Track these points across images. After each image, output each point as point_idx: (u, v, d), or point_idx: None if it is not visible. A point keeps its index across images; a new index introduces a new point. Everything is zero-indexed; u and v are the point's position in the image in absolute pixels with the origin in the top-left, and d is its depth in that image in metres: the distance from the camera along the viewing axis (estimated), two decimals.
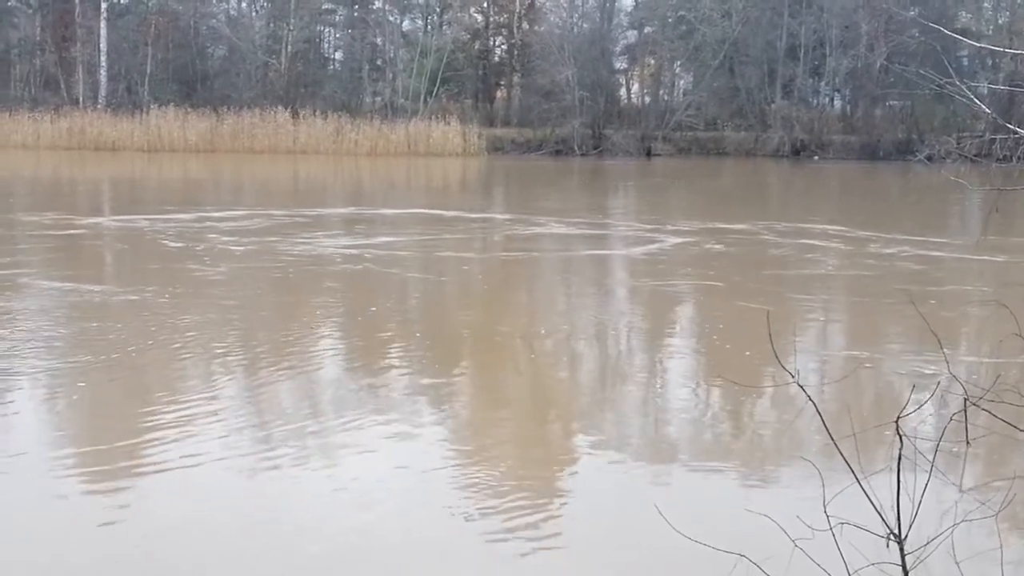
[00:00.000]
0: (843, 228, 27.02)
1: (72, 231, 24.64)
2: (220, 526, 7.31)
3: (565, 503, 8.23)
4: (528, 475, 8.73)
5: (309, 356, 13.22)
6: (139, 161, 48.27)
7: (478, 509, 7.79)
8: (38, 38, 64.29)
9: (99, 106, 58.18)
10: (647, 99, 68.26)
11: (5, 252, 21.03)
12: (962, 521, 5.58)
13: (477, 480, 8.53)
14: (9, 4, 64.57)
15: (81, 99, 59.79)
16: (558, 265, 21.72)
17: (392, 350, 13.61)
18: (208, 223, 26.18)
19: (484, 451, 9.45)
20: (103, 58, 60.50)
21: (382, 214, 30.12)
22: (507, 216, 30.70)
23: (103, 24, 60.53)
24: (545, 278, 20.38)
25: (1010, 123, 11.85)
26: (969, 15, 60.66)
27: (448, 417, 10.60)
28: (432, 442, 9.65)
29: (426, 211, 30.65)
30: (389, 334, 14.63)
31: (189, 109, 55.31)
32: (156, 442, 9.32)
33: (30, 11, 65.04)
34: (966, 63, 49.20)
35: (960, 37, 37.89)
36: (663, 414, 10.84)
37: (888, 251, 22.67)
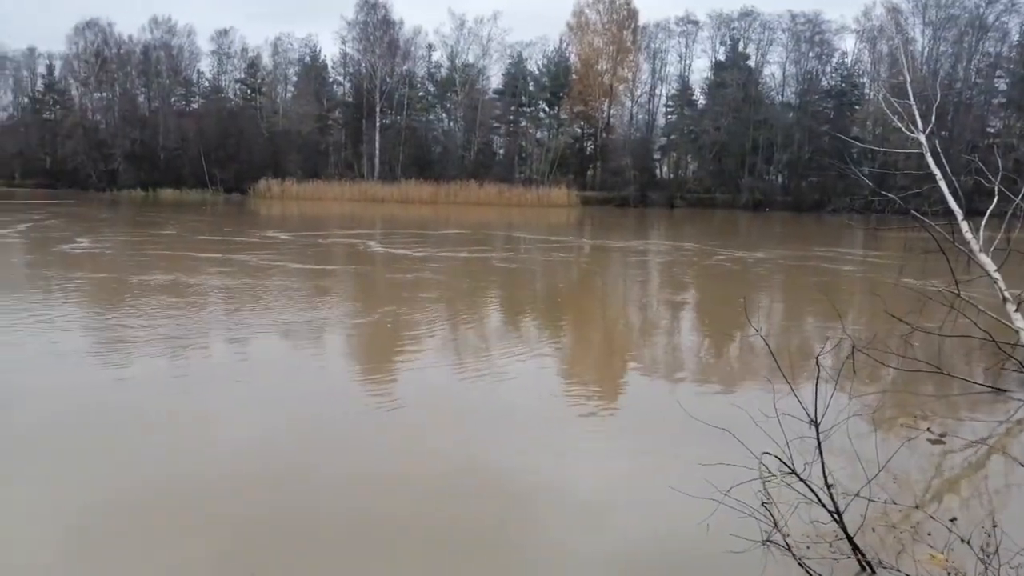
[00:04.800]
0: (782, 250, 26.20)
1: (360, 242, 25.31)
2: (431, 402, 7.46)
3: (618, 394, 8.19)
4: (596, 377, 8.69)
5: (484, 312, 13.37)
6: (396, 208, 49.25)
7: (566, 393, 7.81)
8: (343, 141, 65.97)
9: (374, 178, 59.53)
10: (671, 175, 67.21)
11: (325, 255, 21.70)
12: (852, 416, 5.39)
13: (568, 378, 8.53)
14: (328, 123, 66.29)
15: (364, 174, 61.22)
16: (619, 265, 21.56)
17: (527, 308, 13.69)
18: (429, 239, 26.59)
19: (573, 363, 9.45)
20: (377, 152, 61.84)
21: (521, 237, 30.24)
22: (590, 239, 30.52)
23: (377, 134, 61.88)
24: (612, 272, 20.24)
25: (881, 191, 11.38)
26: (859, 129, 58.18)
27: (555, 344, 10.63)
28: (545, 357, 9.70)
29: (547, 237, 30.64)
30: (525, 300, 14.71)
31: (422, 180, 56.26)
32: (399, 354, 9.54)
33: (339, 126, 66.73)
34: (856, 155, 47.13)
35: (853, 141, 36.38)
36: (679, 349, 10.69)
37: (807, 261, 21.93)
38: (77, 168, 61.22)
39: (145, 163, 60.63)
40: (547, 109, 68.93)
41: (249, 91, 68.53)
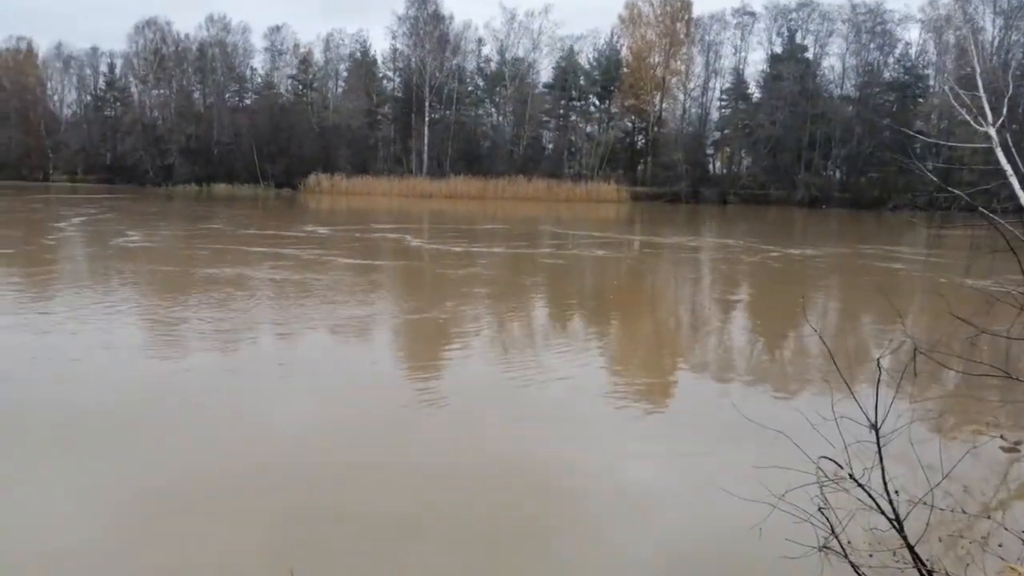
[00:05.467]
0: (839, 248, 25.54)
1: (408, 238, 25.52)
2: (481, 398, 7.49)
3: (669, 394, 8.09)
4: (647, 376, 8.60)
5: (532, 309, 13.36)
6: (444, 203, 49.55)
7: (616, 392, 7.74)
8: (392, 136, 66.59)
9: (423, 173, 59.98)
10: (724, 171, 66.19)
11: (374, 250, 21.93)
12: (914, 421, 5.23)
13: (618, 376, 8.47)
14: (378, 119, 66.98)
15: (413, 169, 61.72)
16: (669, 262, 21.32)
17: (576, 306, 13.63)
18: (477, 234, 26.65)
19: (623, 362, 9.38)
20: (425, 147, 62.26)
21: (569, 233, 30.10)
22: (640, 236, 30.25)
23: (426, 129, 62.29)
24: (662, 269, 20.04)
25: (946, 187, 11.02)
26: (922, 122, 56.42)
27: (604, 342, 10.57)
28: (595, 355, 9.67)
29: (596, 233, 30.45)
30: (571, 298, 14.66)
31: (470, 175, 56.46)
32: (448, 351, 9.58)
33: (388, 121, 67.39)
34: (919, 150, 45.67)
35: (916, 135, 35.19)
36: (730, 349, 10.52)
37: (865, 260, 21.34)
38: (135, 163, 63.14)
39: (200, 158, 62.18)
40: (597, 103, 68.54)
41: (301, 87, 69.69)
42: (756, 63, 77.01)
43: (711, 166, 67.18)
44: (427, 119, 62.37)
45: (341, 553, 4.46)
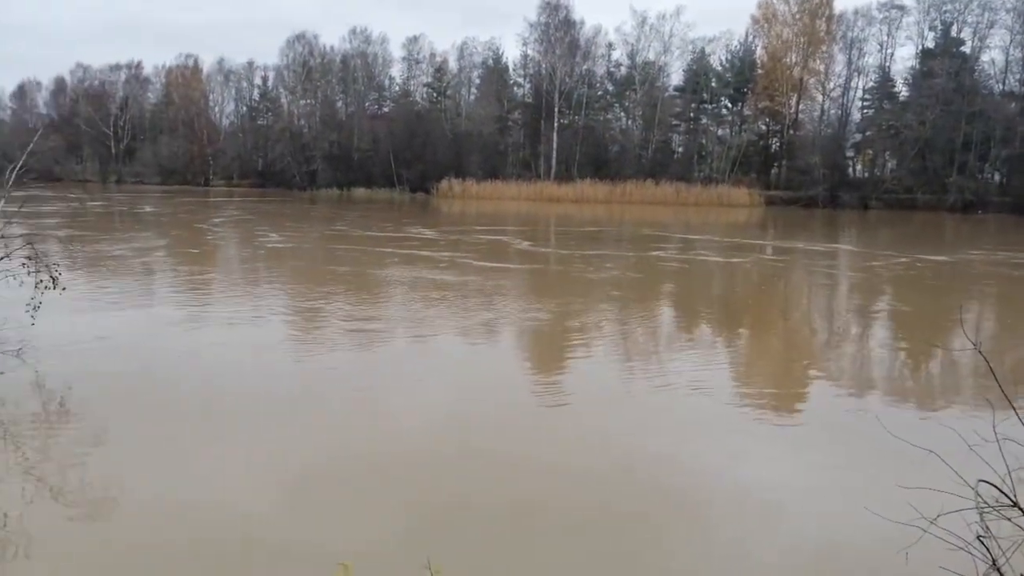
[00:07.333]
0: (997, 256, 23.45)
1: (535, 241, 25.73)
2: (608, 402, 7.44)
3: (803, 405, 7.73)
4: (778, 386, 8.26)
5: (658, 314, 13.14)
6: (570, 207, 49.64)
7: (744, 402, 7.48)
8: (521, 141, 67.41)
9: (551, 178, 60.34)
10: (866, 174, 62.33)
11: (502, 252, 22.23)
12: None
13: (746, 386, 8.18)
14: (508, 124, 67.98)
15: (541, 174, 62.20)
16: (803, 270, 20.33)
17: (702, 311, 13.30)
18: (603, 239, 26.49)
19: (753, 371, 9.04)
20: (554, 152, 62.60)
21: (698, 238, 29.32)
22: (772, 242, 29.03)
23: (555, 134, 62.62)
24: (795, 276, 19.16)
25: None
26: None
27: (733, 349, 10.25)
28: (723, 363, 9.39)
29: (724, 238, 29.50)
30: (701, 303, 14.30)
31: (598, 180, 56.26)
32: (576, 353, 9.56)
33: (518, 126, 68.24)
34: None
35: None
36: (871, 362, 9.91)
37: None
38: (283, 169, 67.38)
39: (341, 164, 65.50)
40: (730, 106, 66.46)
41: (435, 94, 71.93)
42: (904, 60, 72.21)
43: (851, 169, 63.45)
44: (556, 124, 62.66)
45: (472, 541, 4.56)
